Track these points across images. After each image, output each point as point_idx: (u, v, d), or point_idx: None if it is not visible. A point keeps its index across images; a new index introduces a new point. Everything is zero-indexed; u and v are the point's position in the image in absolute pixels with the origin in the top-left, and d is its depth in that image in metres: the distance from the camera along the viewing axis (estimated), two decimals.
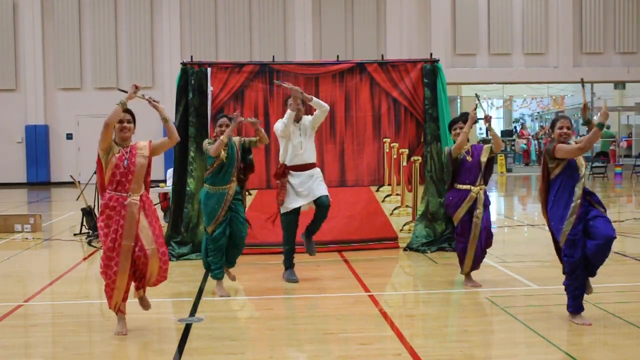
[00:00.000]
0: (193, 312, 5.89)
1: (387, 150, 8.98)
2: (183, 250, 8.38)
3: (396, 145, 8.98)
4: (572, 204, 5.28)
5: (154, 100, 5.65)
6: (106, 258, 5.15)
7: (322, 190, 7.10)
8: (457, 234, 6.70)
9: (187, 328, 5.36)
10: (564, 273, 5.43)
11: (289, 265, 7.21)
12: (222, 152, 6.54)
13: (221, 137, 6.46)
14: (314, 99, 7.05)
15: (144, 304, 5.51)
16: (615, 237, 5.30)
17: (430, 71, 8.84)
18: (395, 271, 8.01)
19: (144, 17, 22.12)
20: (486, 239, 6.67)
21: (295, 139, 7.09)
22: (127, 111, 5.45)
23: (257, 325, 5.69)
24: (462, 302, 6.21)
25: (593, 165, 21.15)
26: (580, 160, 5.42)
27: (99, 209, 5.32)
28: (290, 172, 7.13)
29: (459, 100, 26.06)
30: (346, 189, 8.99)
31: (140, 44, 22.10)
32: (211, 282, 7.05)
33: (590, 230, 5.29)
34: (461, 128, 6.67)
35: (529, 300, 6.07)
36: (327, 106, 7.16)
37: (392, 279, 7.63)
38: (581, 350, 4.75)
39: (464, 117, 6.79)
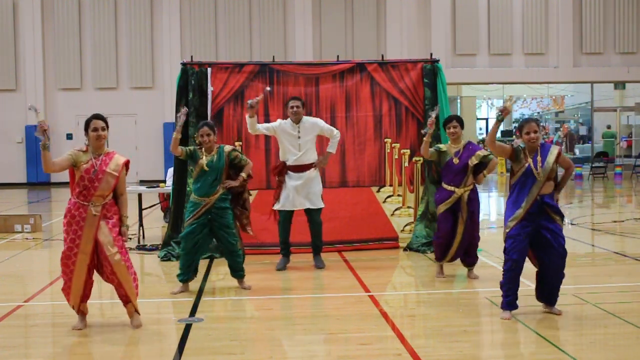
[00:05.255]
0: (193, 312, 5.89)
1: (389, 151, 8.97)
2: None
3: (397, 145, 8.98)
4: (520, 210, 5.44)
5: None
6: (64, 264, 5.24)
7: (313, 202, 7.49)
8: (437, 227, 7.10)
9: (187, 328, 5.36)
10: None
11: (283, 253, 7.70)
12: (203, 159, 6.50)
13: (174, 134, 6.47)
14: (330, 151, 7.64)
15: (135, 323, 5.37)
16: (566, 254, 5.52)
17: (430, 71, 8.84)
18: (396, 271, 8.01)
19: (144, 17, 22.11)
20: (470, 240, 6.93)
21: (293, 140, 7.32)
22: (100, 117, 5.29)
23: (257, 325, 5.69)
24: (462, 302, 6.21)
25: (593, 165, 21.15)
26: (538, 167, 5.51)
27: (64, 213, 5.34)
28: (289, 172, 7.40)
29: (459, 101, 26.05)
30: (347, 189, 8.99)
31: (140, 44, 22.09)
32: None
33: (545, 248, 5.48)
34: (455, 127, 6.93)
35: (529, 300, 6.06)
36: (337, 138, 7.67)
37: (392, 279, 7.63)
38: (581, 350, 4.75)
39: (458, 117, 7.12)
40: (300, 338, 5.19)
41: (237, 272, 6.72)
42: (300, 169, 7.44)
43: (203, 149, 6.58)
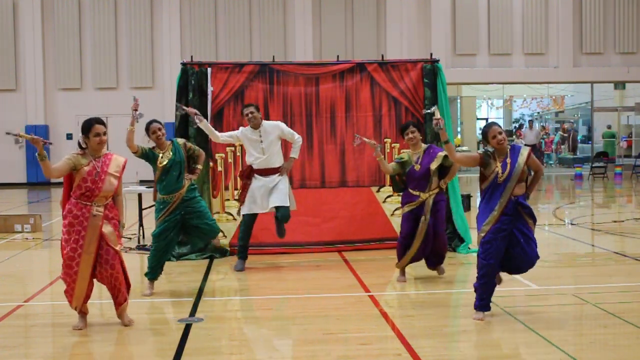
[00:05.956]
0: (193, 312, 5.89)
1: (388, 151, 8.97)
2: (183, 250, 8.38)
3: (397, 145, 8.98)
4: (494, 212, 5.40)
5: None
6: (66, 266, 5.22)
7: (279, 200, 7.47)
8: (400, 228, 7.09)
9: (187, 328, 5.36)
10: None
11: (240, 256, 7.68)
12: (163, 157, 6.60)
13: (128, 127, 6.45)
14: (293, 157, 7.69)
15: (125, 321, 5.42)
16: (537, 258, 5.56)
17: (430, 71, 8.84)
18: (396, 271, 8.00)
19: (144, 17, 22.11)
20: (435, 243, 6.91)
21: (257, 144, 7.46)
22: (102, 122, 5.36)
23: (257, 325, 5.70)
24: (462, 302, 6.21)
25: (593, 165, 21.15)
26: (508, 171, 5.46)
27: (63, 215, 5.34)
28: (255, 175, 7.57)
29: (459, 101, 26.05)
30: (347, 189, 8.99)
31: (140, 44, 22.08)
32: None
33: (516, 252, 5.48)
34: (412, 132, 6.92)
35: (529, 300, 6.07)
36: (299, 143, 7.71)
37: (392, 279, 7.62)
38: (581, 350, 4.75)
39: (414, 122, 7.19)
40: (300, 338, 5.19)
41: (214, 230, 6.78)
42: (266, 172, 7.55)
43: (156, 147, 6.67)
